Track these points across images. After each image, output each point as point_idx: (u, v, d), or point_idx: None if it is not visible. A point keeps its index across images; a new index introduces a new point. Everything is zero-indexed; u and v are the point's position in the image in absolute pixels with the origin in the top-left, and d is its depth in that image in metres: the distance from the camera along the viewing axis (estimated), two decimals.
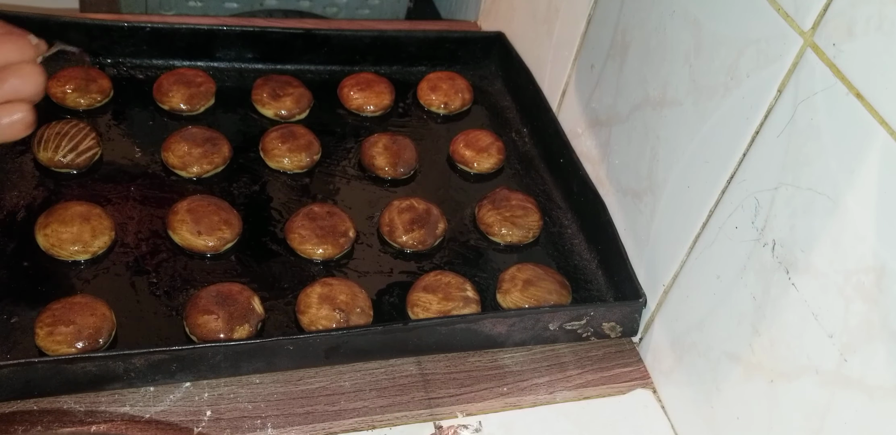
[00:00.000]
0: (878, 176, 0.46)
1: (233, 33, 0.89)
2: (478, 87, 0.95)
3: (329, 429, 0.62)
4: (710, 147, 0.61)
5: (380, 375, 0.66)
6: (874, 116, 0.46)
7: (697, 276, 0.64)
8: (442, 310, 0.68)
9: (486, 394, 0.66)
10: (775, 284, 0.55)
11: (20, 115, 0.56)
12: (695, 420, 0.64)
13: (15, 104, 0.57)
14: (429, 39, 0.96)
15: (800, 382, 0.53)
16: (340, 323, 0.66)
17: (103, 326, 0.62)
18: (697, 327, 0.64)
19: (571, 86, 0.85)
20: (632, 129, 0.73)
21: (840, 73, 0.48)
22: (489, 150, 0.85)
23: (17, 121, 0.56)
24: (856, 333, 0.48)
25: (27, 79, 0.57)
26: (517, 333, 0.68)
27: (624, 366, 0.71)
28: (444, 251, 0.77)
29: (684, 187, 0.65)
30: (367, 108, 0.89)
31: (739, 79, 0.57)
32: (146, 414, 0.61)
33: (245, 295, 0.66)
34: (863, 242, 0.47)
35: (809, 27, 0.51)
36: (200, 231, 0.71)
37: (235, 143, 0.81)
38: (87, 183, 0.76)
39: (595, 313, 0.68)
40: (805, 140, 0.51)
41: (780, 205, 0.54)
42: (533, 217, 0.79)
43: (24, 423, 0.59)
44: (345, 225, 0.74)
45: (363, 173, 0.83)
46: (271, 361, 0.63)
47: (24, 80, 0.56)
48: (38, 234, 0.68)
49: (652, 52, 0.69)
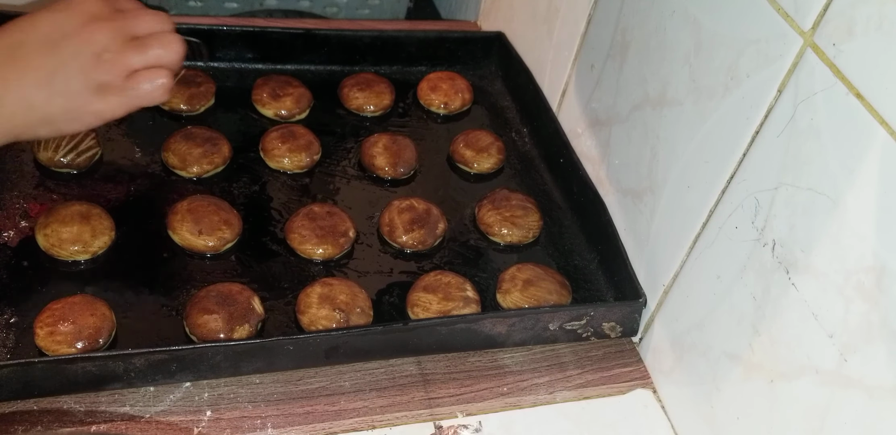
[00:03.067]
0: (878, 176, 0.46)
1: (233, 33, 0.89)
2: (478, 87, 0.95)
3: (329, 429, 0.62)
4: (710, 147, 0.61)
5: (380, 375, 0.66)
6: (874, 116, 0.46)
7: (697, 276, 0.64)
8: (442, 310, 0.68)
9: (486, 394, 0.66)
10: (775, 284, 0.55)
11: (162, 80, 0.61)
12: (695, 420, 0.64)
13: (158, 70, 0.61)
14: (429, 39, 0.96)
15: (800, 382, 0.53)
16: (340, 323, 0.66)
17: (103, 326, 0.62)
18: (697, 327, 0.64)
19: (571, 86, 0.85)
20: (632, 129, 0.73)
21: (840, 73, 0.48)
22: (489, 150, 0.85)
23: (160, 86, 0.61)
24: (856, 333, 0.48)
25: (169, 47, 0.61)
26: (517, 333, 0.68)
27: (624, 366, 0.71)
28: (444, 251, 0.77)
29: (684, 187, 0.65)
30: (367, 108, 0.89)
31: (739, 79, 0.57)
32: (146, 414, 0.61)
33: (245, 295, 0.66)
34: (863, 242, 0.47)
35: (809, 27, 0.51)
36: (200, 231, 0.71)
37: (235, 143, 0.81)
38: (87, 183, 0.76)
39: (595, 313, 0.68)
40: (805, 140, 0.51)
41: (780, 205, 0.54)
42: (533, 217, 0.79)
43: (24, 423, 0.59)
44: (345, 225, 0.74)
45: (363, 173, 0.83)
46: (271, 361, 0.63)
47: (166, 49, 0.61)
48: (38, 234, 0.68)
49: (652, 52, 0.69)
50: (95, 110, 0.60)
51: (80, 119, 0.60)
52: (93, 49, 0.59)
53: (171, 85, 0.62)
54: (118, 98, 0.60)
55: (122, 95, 0.60)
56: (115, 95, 0.60)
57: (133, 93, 0.60)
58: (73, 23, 0.59)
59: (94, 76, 0.59)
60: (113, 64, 0.59)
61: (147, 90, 0.61)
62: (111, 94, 0.60)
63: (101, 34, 0.59)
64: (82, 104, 0.59)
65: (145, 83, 0.60)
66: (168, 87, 0.61)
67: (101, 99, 0.60)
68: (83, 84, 0.59)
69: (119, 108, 0.61)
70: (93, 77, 0.59)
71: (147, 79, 0.60)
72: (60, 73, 0.58)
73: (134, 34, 0.61)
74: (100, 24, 0.60)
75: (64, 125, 0.60)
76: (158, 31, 0.62)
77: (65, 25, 0.59)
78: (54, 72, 0.58)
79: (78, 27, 0.59)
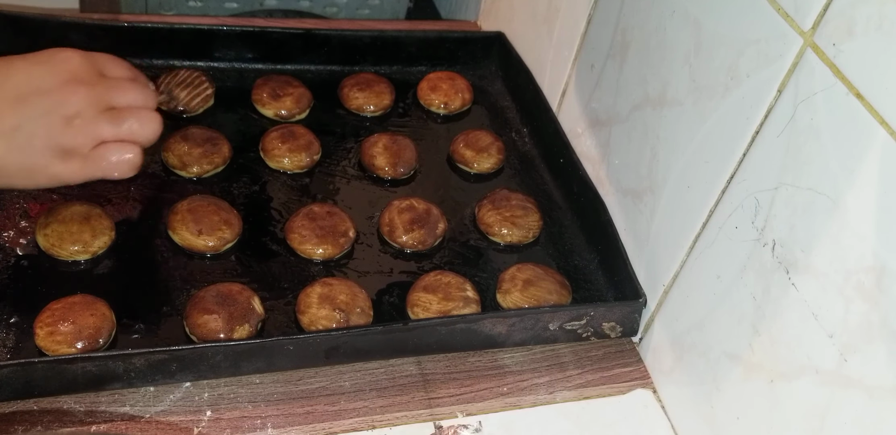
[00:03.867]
0: (878, 176, 0.46)
1: (233, 33, 0.89)
2: (478, 87, 0.95)
3: (329, 429, 0.62)
4: (710, 147, 0.61)
5: (380, 375, 0.66)
6: (874, 116, 0.46)
7: (697, 276, 0.64)
8: (442, 310, 0.68)
9: (486, 394, 0.66)
10: (775, 284, 0.55)
11: (130, 155, 0.59)
12: (695, 420, 0.64)
13: (127, 144, 0.59)
14: (429, 39, 0.96)
15: (800, 382, 0.53)
16: (340, 323, 0.66)
17: (103, 326, 0.62)
18: (697, 327, 0.64)
19: (571, 86, 0.85)
20: (632, 129, 0.73)
21: (840, 73, 0.48)
22: (489, 150, 0.85)
23: (126, 161, 0.59)
24: (856, 333, 0.48)
25: (145, 123, 0.59)
26: (517, 333, 0.68)
27: (624, 366, 0.71)
28: (444, 251, 0.77)
29: (684, 187, 0.65)
30: (367, 108, 0.89)
31: (739, 79, 0.57)
32: (146, 414, 0.61)
33: (245, 295, 0.66)
34: (863, 241, 0.47)
35: (809, 27, 0.51)
36: (200, 231, 0.71)
37: (235, 143, 0.81)
38: (87, 183, 0.75)
39: (595, 313, 0.68)
40: (805, 140, 0.51)
41: (780, 205, 0.54)
42: (533, 217, 0.79)
43: (24, 423, 0.59)
44: (345, 225, 0.74)
45: (363, 173, 0.83)
46: (271, 361, 0.63)
47: (142, 124, 0.59)
48: (38, 234, 0.68)
49: (652, 52, 0.69)
50: (53, 173, 0.57)
51: (33, 178, 0.58)
52: (64, 112, 0.56)
53: (139, 162, 0.59)
54: (80, 165, 0.58)
55: (85, 164, 0.58)
56: (78, 162, 0.57)
57: (96, 164, 0.58)
58: (51, 80, 0.56)
59: (60, 140, 0.56)
60: (81, 131, 0.57)
61: (112, 163, 0.58)
62: (73, 160, 0.57)
63: (76, 97, 0.56)
64: (40, 164, 0.56)
65: (112, 156, 0.58)
66: (136, 165, 0.59)
67: (62, 162, 0.57)
68: (45, 145, 0.56)
69: (78, 175, 0.58)
70: (57, 140, 0.56)
71: (115, 151, 0.58)
72: (24, 130, 0.55)
73: (112, 105, 0.59)
74: (78, 87, 0.57)
75: (15, 181, 0.58)
76: (138, 105, 0.60)
77: (41, 81, 0.56)
78: (18, 127, 0.55)
79: (55, 86, 0.56)
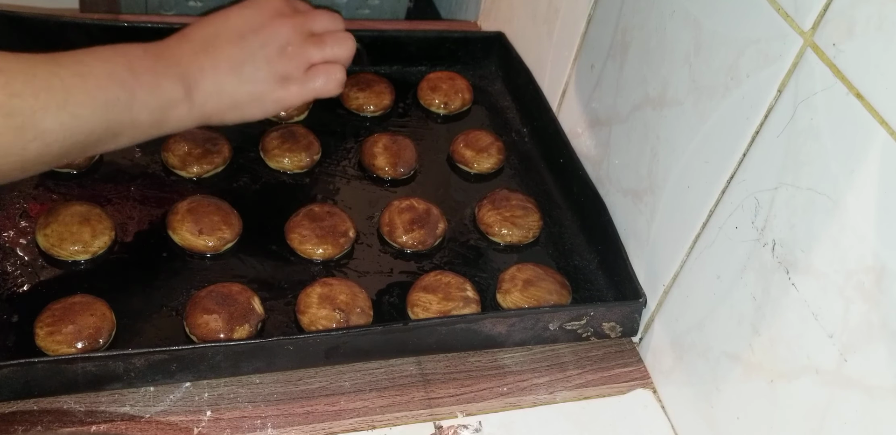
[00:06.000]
0: (878, 176, 0.46)
1: None
2: (478, 87, 0.95)
3: (329, 429, 0.62)
4: (710, 147, 0.61)
5: (380, 375, 0.66)
6: (874, 116, 0.46)
7: (697, 276, 0.64)
8: (442, 310, 0.68)
9: (486, 394, 0.66)
10: (775, 284, 0.55)
11: (338, 75, 0.67)
12: (695, 420, 0.64)
13: (334, 65, 0.67)
14: (429, 39, 0.96)
15: (800, 382, 0.53)
16: (340, 323, 0.66)
17: (103, 326, 0.62)
18: (697, 327, 0.64)
19: (571, 86, 0.85)
20: (632, 129, 0.73)
21: (840, 73, 0.48)
22: (489, 150, 0.85)
23: (335, 80, 0.67)
24: (856, 333, 0.48)
25: (343, 44, 0.68)
26: (517, 333, 0.68)
27: (624, 366, 0.71)
28: (444, 251, 0.77)
29: (684, 187, 0.65)
30: (367, 108, 0.89)
31: (739, 79, 0.57)
32: (146, 414, 0.61)
33: (245, 295, 0.66)
34: (863, 241, 0.47)
35: (809, 27, 0.51)
36: (200, 231, 0.71)
37: (235, 143, 0.81)
38: (87, 183, 0.76)
39: (595, 313, 0.68)
40: (805, 140, 0.51)
41: (780, 205, 0.54)
42: (533, 217, 0.79)
43: (24, 423, 0.59)
44: (345, 225, 0.74)
45: (363, 173, 0.83)
46: (271, 361, 0.63)
47: (341, 46, 0.68)
48: (38, 234, 0.68)
49: (652, 52, 0.69)
50: (277, 98, 0.65)
51: (263, 105, 0.65)
52: (278, 42, 0.64)
53: (344, 79, 0.67)
54: (298, 88, 0.66)
55: (301, 86, 0.66)
56: (295, 85, 0.66)
57: (311, 85, 0.66)
58: (261, 18, 0.65)
59: (278, 67, 0.64)
60: (295, 57, 0.65)
61: (323, 83, 0.67)
62: (292, 84, 0.65)
63: (285, 29, 0.65)
64: (266, 91, 0.65)
65: (322, 77, 0.66)
66: (342, 82, 0.67)
67: (283, 88, 0.65)
68: (268, 73, 0.64)
69: (298, 97, 0.66)
70: (276, 68, 0.64)
71: (325, 73, 0.66)
72: (249, 63, 0.63)
73: (312, 31, 0.67)
74: (283, 20, 0.65)
75: (249, 111, 0.65)
76: (333, 29, 0.68)
77: (253, 20, 0.64)
78: (243, 61, 0.63)
79: (265, 22, 0.64)
